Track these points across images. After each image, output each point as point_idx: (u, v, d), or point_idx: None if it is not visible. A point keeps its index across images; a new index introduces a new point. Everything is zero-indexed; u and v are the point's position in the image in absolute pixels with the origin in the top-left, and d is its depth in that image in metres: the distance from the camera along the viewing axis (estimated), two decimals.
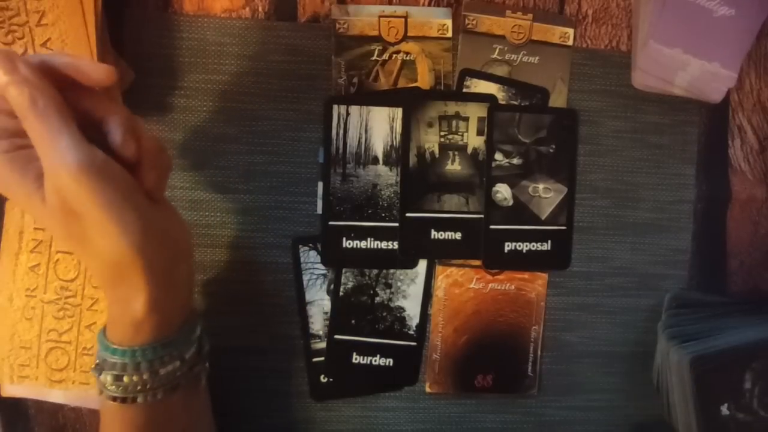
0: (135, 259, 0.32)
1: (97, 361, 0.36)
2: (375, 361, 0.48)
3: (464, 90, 0.47)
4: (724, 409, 0.45)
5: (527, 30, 0.47)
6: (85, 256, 0.33)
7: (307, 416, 0.48)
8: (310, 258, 0.47)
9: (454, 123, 0.47)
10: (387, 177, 0.46)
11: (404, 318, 0.48)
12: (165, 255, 0.34)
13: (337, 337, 0.47)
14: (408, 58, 0.46)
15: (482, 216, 0.47)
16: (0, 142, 0.31)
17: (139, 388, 0.35)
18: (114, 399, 0.35)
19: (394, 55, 0.46)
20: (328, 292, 0.47)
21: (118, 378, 0.34)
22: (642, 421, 0.51)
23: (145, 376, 0.35)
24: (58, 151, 0.29)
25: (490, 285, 0.48)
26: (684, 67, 0.46)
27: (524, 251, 0.48)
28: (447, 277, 0.48)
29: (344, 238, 0.46)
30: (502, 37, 0.47)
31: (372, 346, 0.48)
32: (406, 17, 0.46)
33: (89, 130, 0.31)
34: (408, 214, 0.47)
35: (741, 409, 0.45)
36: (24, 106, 0.29)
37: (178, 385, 0.36)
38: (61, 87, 0.30)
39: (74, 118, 0.30)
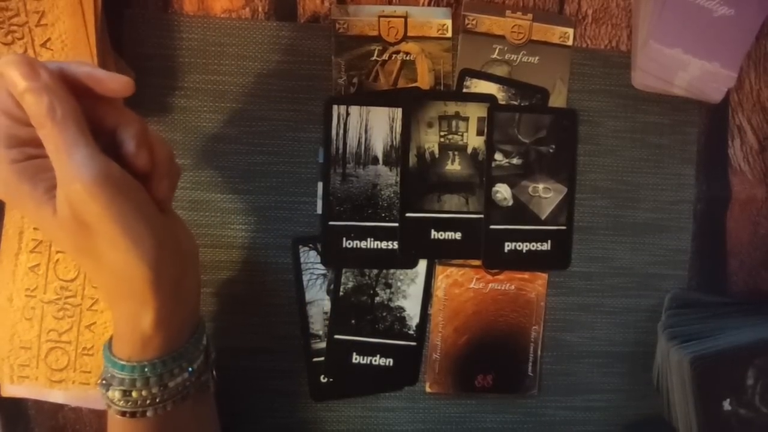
0: (146, 274, 0.31)
1: (104, 376, 0.35)
2: (375, 361, 0.48)
3: (464, 90, 0.47)
4: (726, 405, 0.45)
5: (527, 30, 0.47)
6: (93, 270, 0.32)
7: (308, 416, 0.48)
8: (310, 258, 0.47)
9: (454, 123, 0.47)
10: (387, 177, 0.46)
11: (404, 318, 0.48)
12: (174, 268, 0.33)
13: (337, 337, 0.47)
14: (408, 58, 0.46)
15: (482, 216, 0.47)
16: (11, 151, 0.30)
17: (148, 402, 0.34)
18: (123, 414, 0.34)
19: (394, 55, 0.46)
20: (328, 292, 0.47)
21: (126, 393, 0.34)
22: (640, 421, 0.51)
23: (154, 390, 0.34)
24: (74, 162, 0.28)
25: (490, 285, 0.48)
26: (684, 67, 0.46)
27: (524, 251, 0.48)
28: (447, 277, 0.48)
29: (344, 238, 0.46)
30: (502, 37, 0.47)
31: (372, 346, 0.48)
32: (405, 17, 0.46)
33: (101, 138, 0.31)
34: (408, 214, 0.47)
35: (743, 405, 0.45)
36: (42, 115, 0.28)
37: (187, 395, 0.36)
38: (76, 95, 0.29)
39: (89, 127, 0.29)
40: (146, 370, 0.34)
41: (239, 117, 0.46)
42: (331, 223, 0.46)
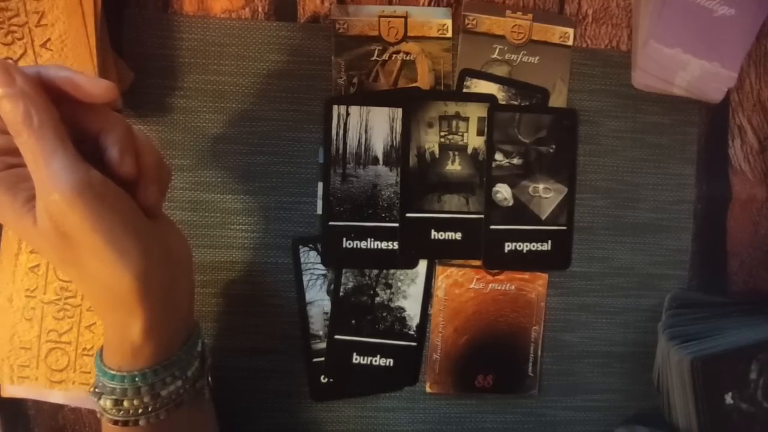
0: (132, 285, 0.30)
1: (96, 385, 0.34)
2: (375, 361, 0.48)
3: (464, 90, 0.47)
4: (728, 398, 0.45)
5: (527, 30, 0.47)
6: (79, 280, 0.32)
7: (308, 417, 0.48)
8: (310, 258, 0.47)
9: (454, 123, 0.47)
10: (387, 177, 0.46)
11: (404, 318, 0.48)
12: (163, 276, 0.32)
13: (337, 337, 0.47)
14: (408, 58, 0.46)
15: (482, 216, 0.47)
16: None
17: (140, 411, 0.34)
18: (115, 423, 0.34)
19: (394, 55, 0.46)
20: (328, 292, 0.47)
21: (118, 402, 0.33)
22: (639, 421, 0.51)
23: (146, 399, 0.33)
24: (51, 171, 0.27)
25: (490, 285, 0.48)
26: (684, 67, 0.46)
27: (524, 251, 0.48)
28: (447, 277, 0.48)
29: (344, 239, 0.46)
30: (502, 37, 0.47)
31: (372, 346, 0.48)
32: (406, 17, 0.46)
33: (85, 144, 0.30)
34: (408, 215, 0.47)
35: (745, 400, 0.45)
36: (18, 122, 0.27)
37: (181, 402, 0.35)
38: (56, 99, 0.28)
39: (70, 134, 0.28)
40: (137, 380, 0.33)
41: (239, 117, 0.46)
42: (331, 223, 0.46)
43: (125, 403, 0.33)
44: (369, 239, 0.47)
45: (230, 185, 0.46)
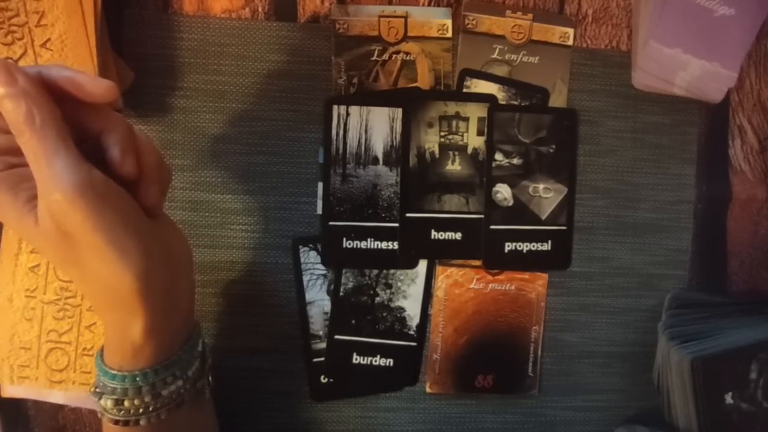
0: (133, 284, 0.30)
1: (97, 385, 0.34)
2: (375, 361, 0.48)
3: (464, 90, 0.47)
4: (729, 398, 0.45)
5: (527, 30, 0.47)
6: (79, 280, 0.32)
7: (308, 417, 0.48)
8: (310, 258, 0.47)
9: (454, 123, 0.47)
10: (387, 177, 0.46)
11: (404, 318, 0.48)
12: (164, 275, 0.32)
13: (337, 337, 0.47)
14: (408, 58, 0.46)
15: (482, 216, 0.47)
16: None
17: (141, 411, 0.34)
18: (116, 422, 0.34)
19: (394, 55, 0.46)
20: (328, 292, 0.47)
21: (118, 402, 0.33)
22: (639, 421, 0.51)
23: (147, 399, 0.34)
24: (53, 171, 0.27)
25: (490, 285, 0.48)
26: (684, 67, 0.46)
27: (524, 251, 0.48)
28: (447, 277, 0.48)
29: (344, 239, 0.46)
30: (502, 37, 0.47)
31: (372, 346, 0.48)
32: (406, 17, 0.46)
33: (86, 143, 0.30)
34: (408, 215, 0.47)
35: (745, 400, 0.45)
36: (20, 122, 0.27)
37: (182, 402, 0.35)
38: (57, 99, 0.28)
39: (71, 133, 0.28)
40: (138, 379, 0.33)
41: (239, 117, 0.46)
42: (331, 223, 0.46)
43: (126, 403, 0.33)
44: (369, 239, 0.47)
45: (230, 185, 0.46)
